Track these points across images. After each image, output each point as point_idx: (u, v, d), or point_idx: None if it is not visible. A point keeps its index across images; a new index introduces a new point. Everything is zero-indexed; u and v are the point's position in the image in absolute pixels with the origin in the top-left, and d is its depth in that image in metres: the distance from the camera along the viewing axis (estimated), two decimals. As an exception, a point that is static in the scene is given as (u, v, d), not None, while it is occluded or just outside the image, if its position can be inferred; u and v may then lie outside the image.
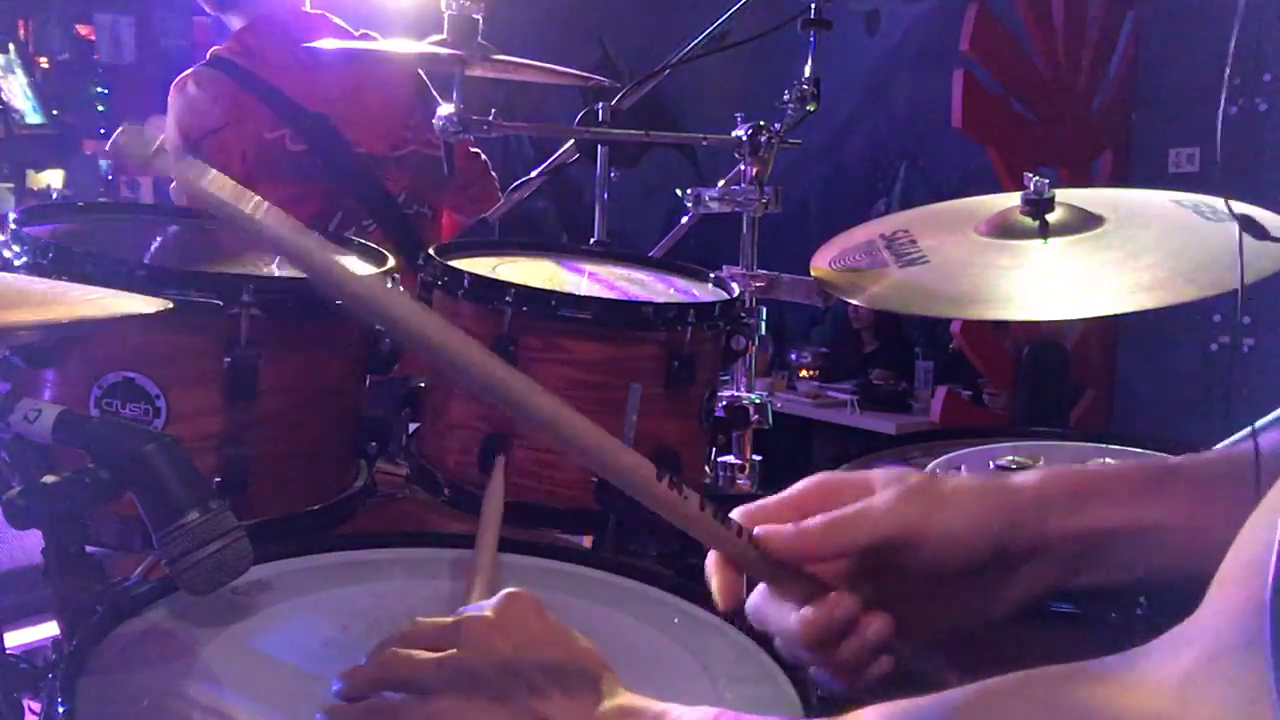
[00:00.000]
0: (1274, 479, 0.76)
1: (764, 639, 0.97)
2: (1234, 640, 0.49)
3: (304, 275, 0.70)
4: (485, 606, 0.78)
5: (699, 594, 1.06)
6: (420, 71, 2.68)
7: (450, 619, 0.77)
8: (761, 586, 0.78)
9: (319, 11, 2.66)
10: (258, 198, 0.71)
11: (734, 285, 1.57)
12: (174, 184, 2.49)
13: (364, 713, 0.75)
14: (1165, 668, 0.52)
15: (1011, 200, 1.54)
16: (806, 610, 0.74)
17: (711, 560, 0.77)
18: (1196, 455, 0.82)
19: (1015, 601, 0.79)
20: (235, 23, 2.65)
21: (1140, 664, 0.53)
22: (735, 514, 0.77)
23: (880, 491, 0.76)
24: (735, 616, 1.01)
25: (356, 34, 2.65)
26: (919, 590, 0.78)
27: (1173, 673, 0.51)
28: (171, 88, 2.54)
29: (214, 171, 0.72)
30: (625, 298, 1.47)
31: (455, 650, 0.74)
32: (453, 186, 2.76)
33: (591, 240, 1.90)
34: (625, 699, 0.74)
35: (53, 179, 7.06)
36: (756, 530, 0.75)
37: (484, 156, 2.83)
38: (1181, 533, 0.77)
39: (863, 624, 0.74)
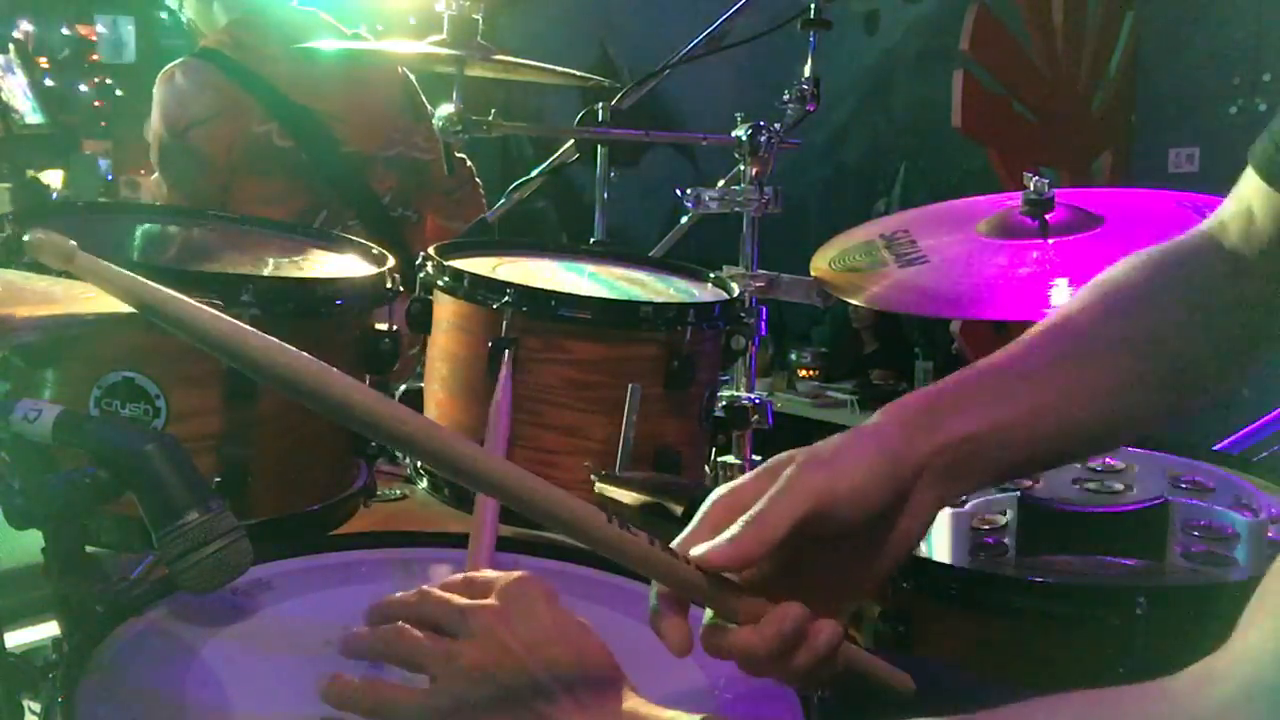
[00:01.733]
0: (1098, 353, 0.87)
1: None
2: (1267, 679, 0.49)
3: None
4: (494, 588, 0.77)
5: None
6: (410, 76, 2.68)
7: (460, 601, 0.77)
8: (709, 619, 0.80)
9: (310, 9, 2.65)
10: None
11: (734, 285, 1.57)
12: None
13: (364, 693, 0.75)
14: (1201, 699, 0.52)
15: (1011, 200, 1.54)
16: (758, 628, 0.76)
17: (655, 612, 0.78)
18: (1008, 350, 0.90)
19: (920, 526, 0.83)
20: (220, 17, 2.64)
21: (1174, 693, 0.53)
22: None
23: (775, 479, 0.78)
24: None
25: (348, 33, 2.65)
26: (843, 551, 0.81)
27: (1205, 708, 0.51)
28: (158, 78, 2.53)
29: (121, 273, 0.74)
30: (625, 298, 1.47)
31: (462, 643, 0.74)
32: (438, 190, 2.75)
33: (591, 240, 1.90)
34: (633, 704, 0.74)
35: (53, 179, 7.05)
36: (691, 552, 0.77)
37: (470, 164, 2.82)
38: (1022, 424, 0.85)
39: (812, 633, 0.77)
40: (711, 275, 1.62)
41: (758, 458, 1.72)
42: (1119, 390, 0.89)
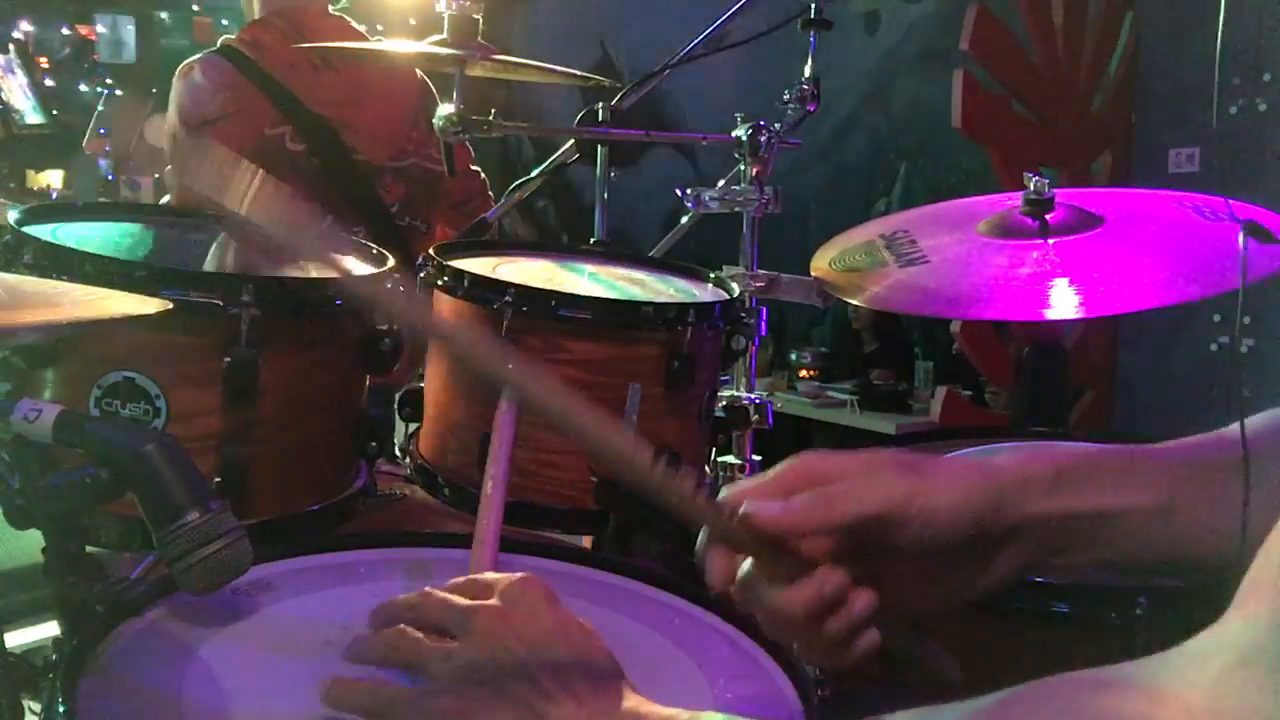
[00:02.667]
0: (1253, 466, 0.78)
1: (763, 639, 0.97)
2: (1264, 648, 0.49)
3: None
4: (495, 590, 0.77)
5: (699, 594, 1.06)
6: (429, 85, 2.67)
7: (462, 602, 0.77)
8: (749, 565, 0.78)
9: (339, 14, 2.65)
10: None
11: (734, 285, 1.57)
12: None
13: (366, 695, 0.75)
14: (1193, 675, 0.51)
15: (1011, 200, 1.54)
16: (796, 586, 0.75)
17: (702, 541, 0.77)
18: (1171, 442, 0.84)
19: (995, 581, 0.80)
20: (256, 9, 2.63)
21: (1167, 672, 0.53)
22: (725, 493, 0.78)
23: (865, 469, 0.77)
24: (734, 615, 1.01)
25: (372, 40, 2.65)
26: (901, 568, 0.79)
27: (1201, 680, 0.51)
28: (177, 72, 2.53)
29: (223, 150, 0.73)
30: (625, 298, 1.47)
31: (463, 643, 0.74)
32: (449, 203, 2.75)
33: (591, 240, 1.90)
34: (633, 703, 0.74)
35: (53, 179, 7.06)
36: (744, 507, 0.76)
37: (483, 176, 2.82)
38: (1159, 517, 0.79)
39: (849, 599, 0.75)
40: (711, 275, 1.62)
41: (758, 458, 1.72)
42: (1267, 506, 0.79)
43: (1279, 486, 0.78)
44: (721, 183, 1.79)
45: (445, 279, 1.39)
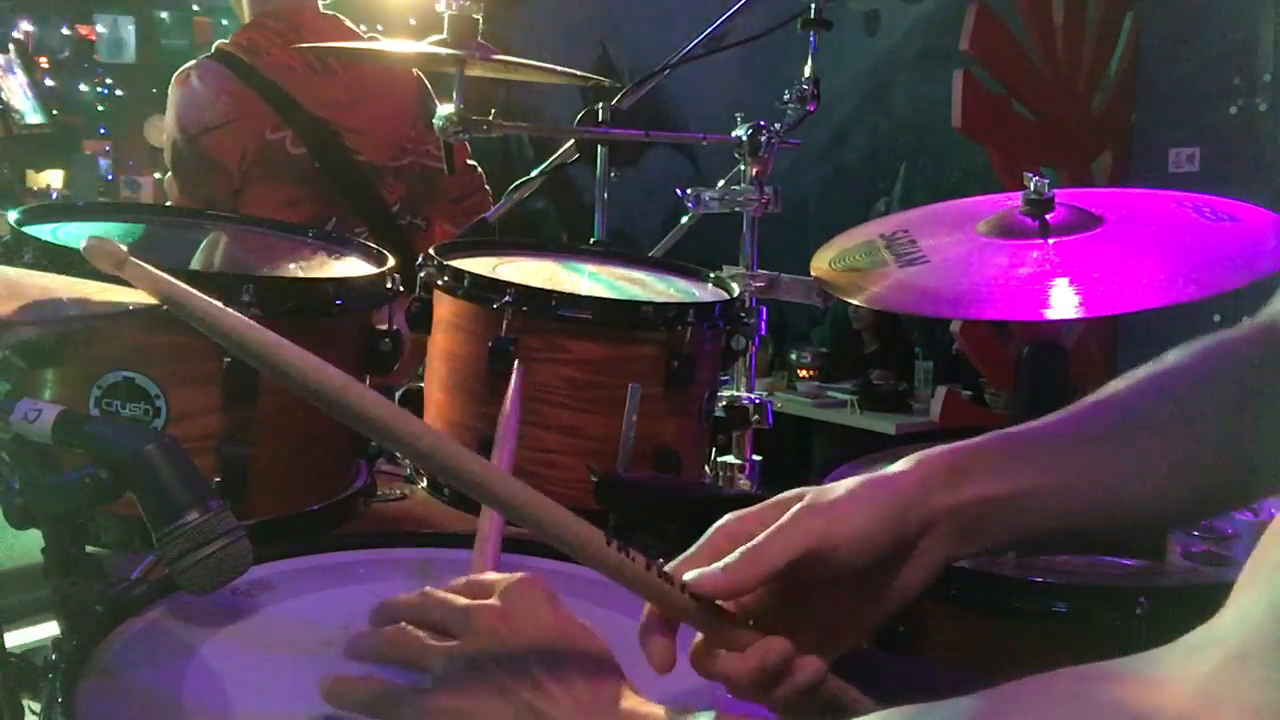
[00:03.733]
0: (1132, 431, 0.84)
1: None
2: (1262, 640, 0.49)
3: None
4: (495, 589, 0.78)
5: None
6: (426, 83, 2.67)
7: (462, 601, 0.77)
8: (700, 640, 0.81)
9: (332, 14, 2.64)
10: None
11: (734, 285, 1.57)
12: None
13: (365, 693, 0.75)
14: (1190, 667, 0.52)
15: (1011, 200, 1.54)
16: (741, 657, 0.78)
17: (642, 629, 0.80)
18: (1050, 418, 0.88)
19: (922, 579, 0.83)
20: (247, 12, 2.63)
21: (1165, 663, 0.53)
22: (667, 568, 0.80)
23: (779, 515, 0.80)
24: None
25: (366, 40, 2.64)
26: (840, 595, 0.82)
27: (1198, 672, 0.51)
28: (173, 79, 2.52)
29: (167, 278, 0.79)
30: (625, 298, 1.47)
31: (463, 642, 0.74)
32: (447, 198, 2.75)
33: (591, 240, 1.90)
34: (632, 703, 0.74)
35: (53, 179, 7.05)
36: (685, 577, 0.78)
37: (480, 170, 2.82)
38: (1052, 493, 0.83)
39: (795, 667, 0.78)
40: (711, 275, 1.62)
41: (758, 458, 1.72)
42: (1153, 473, 0.85)
43: (1150, 453, 0.85)
44: (721, 183, 1.79)
45: (445, 279, 1.39)
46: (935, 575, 0.84)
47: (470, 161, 2.79)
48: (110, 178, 7.35)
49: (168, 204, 2.57)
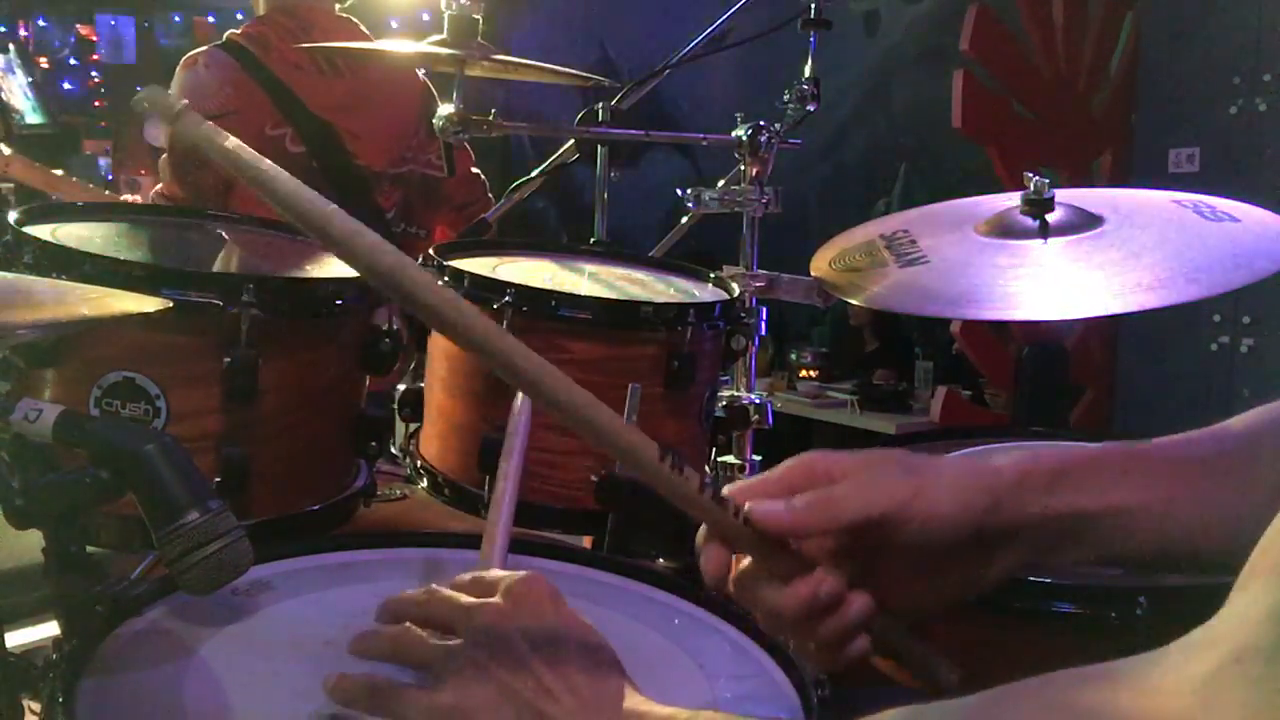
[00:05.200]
0: (1249, 461, 0.80)
1: (763, 639, 0.97)
2: (1259, 642, 0.49)
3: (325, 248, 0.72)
4: (499, 587, 0.78)
5: (699, 594, 1.06)
6: (431, 90, 2.66)
7: (466, 600, 0.77)
8: (748, 562, 0.79)
9: (346, 16, 2.63)
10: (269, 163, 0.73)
11: (734, 285, 1.57)
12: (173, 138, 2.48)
13: (369, 693, 0.75)
14: (1186, 669, 0.51)
15: (1011, 200, 1.54)
16: (793, 586, 0.76)
17: (701, 535, 0.78)
18: (1168, 439, 0.84)
19: (992, 579, 0.80)
20: (261, 5, 2.62)
21: (1160, 666, 0.53)
22: (727, 490, 0.79)
23: (867, 470, 0.77)
24: (734, 615, 1.01)
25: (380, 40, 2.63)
26: (901, 567, 0.79)
27: (1194, 674, 0.51)
28: (181, 62, 2.51)
29: (231, 138, 0.76)
30: (625, 298, 1.47)
31: (467, 640, 0.74)
32: (450, 205, 2.75)
33: (591, 240, 1.90)
34: (634, 702, 0.74)
35: (53, 179, 7.04)
36: (748, 506, 0.76)
37: (484, 179, 2.82)
38: (1153, 515, 0.80)
39: (845, 602, 0.76)
40: (711, 275, 1.62)
41: (758, 458, 1.72)
42: (1262, 499, 0.78)
43: (1254, 486, 0.80)
44: (721, 183, 1.79)
45: (445, 279, 1.39)
46: (1007, 577, 0.81)
47: (474, 170, 2.79)
48: (110, 178, 7.35)
49: (156, 190, 2.56)
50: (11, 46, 6.45)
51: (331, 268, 1.45)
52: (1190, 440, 0.84)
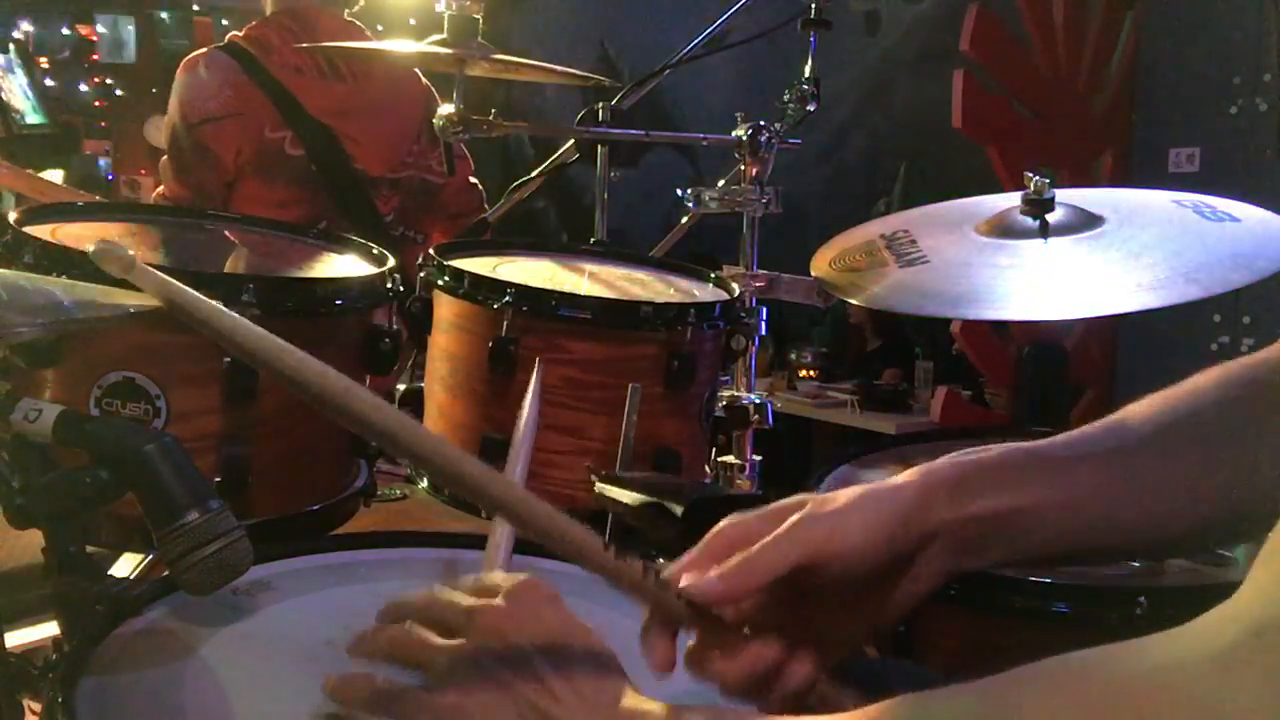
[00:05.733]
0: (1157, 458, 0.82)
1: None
2: (1275, 618, 0.50)
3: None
4: (500, 589, 0.78)
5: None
6: (434, 94, 2.66)
7: (467, 601, 0.78)
8: (694, 642, 0.81)
9: (350, 20, 2.62)
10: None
11: (734, 285, 1.57)
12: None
13: (369, 694, 0.75)
14: (1207, 643, 0.52)
15: (1011, 200, 1.54)
16: (736, 660, 0.78)
17: (643, 633, 0.80)
18: (1068, 435, 0.87)
19: (919, 592, 0.83)
20: (268, 5, 2.62)
21: (1181, 640, 0.54)
22: (666, 573, 0.81)
23: (780, 524, 0.80)
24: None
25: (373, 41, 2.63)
26: (835, 602, 0.82)
27: (1215, 648, 0.51)
28: (182, 64, 2.51)
29: (173, 283, 0.80)
30: (625, 298, 1.47)
31: (467, 641, 0.75)
32: (445, 214, 2.75)
33: (591, 240, 1.90)
34: (634, 701, 0.74)
35: (53, 179, 7.04)
36: (681, 583, 0.79)
37: (481, 190, 2.82)
38: (1055, 513, 0.82)
39: (786, 670, 0.79)
40: (711, 275, 1.62)
41: (758, 458, 1.72)
42: (1164, 491, 0.83)
43: (1162, 475, 0.83)
44: (721, 183, 1.79)
45: (445, 279, 1.39)
46: (934, 588, 0.83)
47: (472, 179, 2.78)
48: (110, 178, 7.35)
49: (157, 193, 2.57)
50: (11, 46, 6.45)
51: (331, 268, 1.45)
52: (1089, 437, 0.86)
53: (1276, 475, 0.83)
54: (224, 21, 7.38)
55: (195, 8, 7.91)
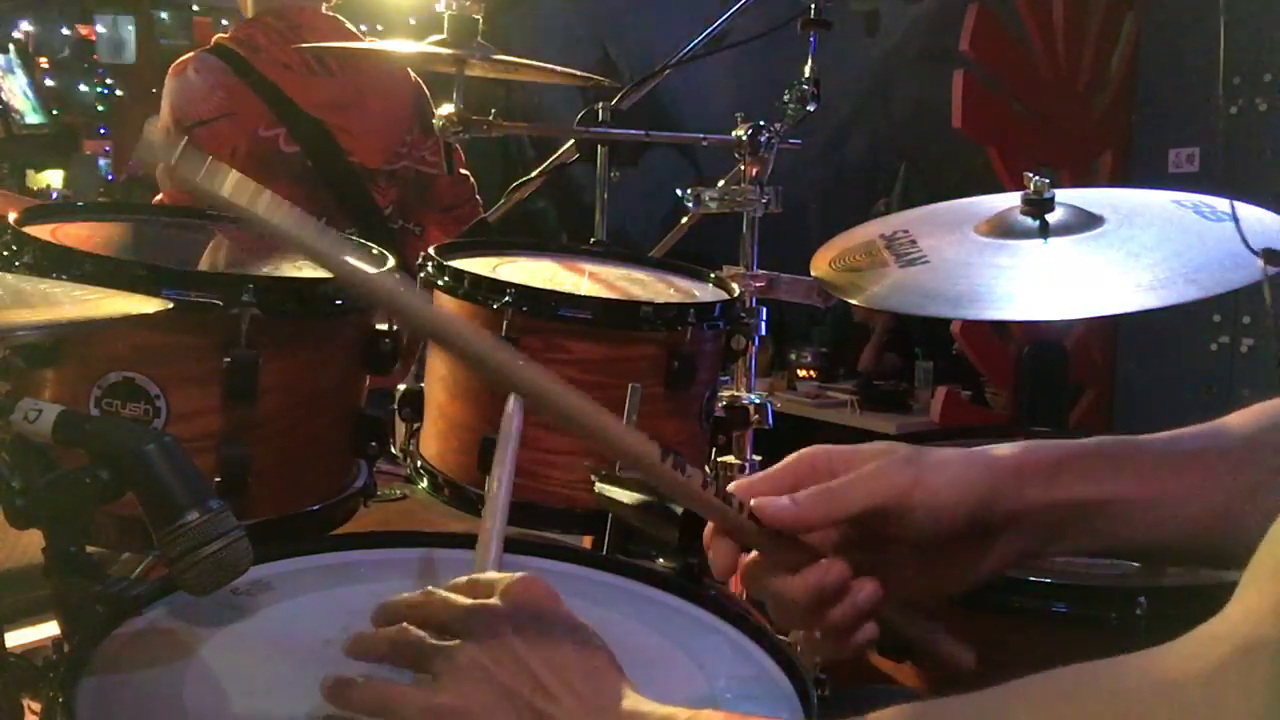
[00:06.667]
0: (1246, 459, 0.81)
1: (763, 639, 0.97)
2: (1266, 635, 0.50)
3: (317, 273, 0.73)
4: (497, 589, 0.78)
5: (699, 594, 1.06)
6: (423, 87, 2.67)
7: (464, 601, 0.77)
8: (754, 555, 0.80)
9: (333, 15, 2.64)
10: (268, 195, 0.73)
11: (734, 285, 1.57)
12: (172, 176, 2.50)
13: (367, 693, 0.75)
14: (1196, 662, 0.52)
15: (1011, 200, 1.54)
16: (801, 575, 0.77)
17: (709, 531, 0.79)
18: (1164, 434, 0.86)
19: (992, 567, 0.82)
20: (250, 7, 2.63)
21: (1170, 659, 0.54)
22: (732, 486, 0.80)
23: (869, 463, 0.79)
24: (733, 615, 1.01)
25: (366, 41, 2.64)
26: (904, 558, 0.81)
27: (1204, 667, 0.51)
28: (170, 70, 2.52)
29: (233, 174, 0.75)
30: (625, 298, 1.47)
31: (465, 642, 0.74)
32: (439, 207, 2.75)
33: (591, 240, 1.90)
34: (633, 702, 0.74)
35: (53, 179, 7.05)
36: (753, 502, 0.78)
37: (472, 180, 2.82)
38: (1147, 507, 0.81)
39: (853, 588, 0.77)
40: (711, 275, 1.62)
41: (758, 458, 1.72)
42: (1260, 496, 0.81)
43: (1252, 479, 0.81)
44: (721, 183, 1.79)
45: (445, 279, 1.39)
46: (1007, 566, 0.82)
47: (463, 171, 2.79)
48: (110, 178, 7.35)
49: (158, 200, 2.57)
50: (11, 46, 6.45)
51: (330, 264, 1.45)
52: (1186, 435, 0.85)
53: None
54: (224, 21, 7.38)
55: (195, 8, 7.91)
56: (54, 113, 6.80)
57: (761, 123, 1.74)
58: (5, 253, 1.16)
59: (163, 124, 2.51)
